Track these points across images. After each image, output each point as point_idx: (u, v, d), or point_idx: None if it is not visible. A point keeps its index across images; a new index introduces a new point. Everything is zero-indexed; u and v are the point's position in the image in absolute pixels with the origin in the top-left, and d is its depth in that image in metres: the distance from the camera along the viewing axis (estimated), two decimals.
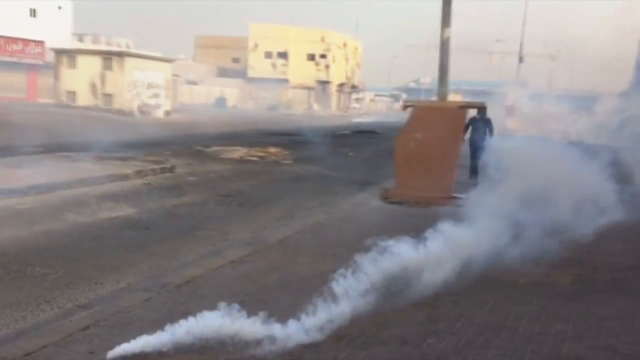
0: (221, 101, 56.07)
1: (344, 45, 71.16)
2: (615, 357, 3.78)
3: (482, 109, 11.61)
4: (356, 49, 77.10)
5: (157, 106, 33.90)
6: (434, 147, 10.52)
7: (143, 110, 32.51)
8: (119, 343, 3.93)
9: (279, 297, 4.92)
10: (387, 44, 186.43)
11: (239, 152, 17.97)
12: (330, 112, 61.18)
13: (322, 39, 66.88)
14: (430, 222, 5.51)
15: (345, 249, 6.93)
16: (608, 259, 6.51)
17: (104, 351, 3.89)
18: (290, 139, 23.57)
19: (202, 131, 25.17)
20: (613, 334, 4.22)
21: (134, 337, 3.99)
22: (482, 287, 5.20)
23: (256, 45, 65.84)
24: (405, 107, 11.22)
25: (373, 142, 26.52)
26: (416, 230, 5.80)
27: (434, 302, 4.85)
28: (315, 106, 63.89)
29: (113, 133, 21.48)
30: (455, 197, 10.44)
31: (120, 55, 33.05)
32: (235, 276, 5.59)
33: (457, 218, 5.65)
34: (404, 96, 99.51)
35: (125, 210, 8.70)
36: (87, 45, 45.46)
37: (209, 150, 17.61)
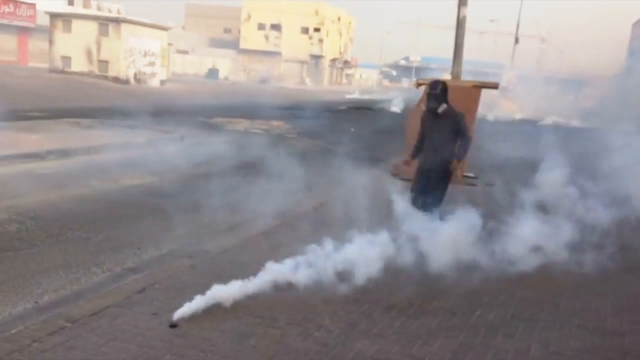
0: (213, 72, 55.42)
1: (338, 19, 70.55)
2: None
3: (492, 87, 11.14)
4: (350, 23, 76.49)
5: (153, 75, 33.46)
6: None
7: (139, 78, 32.08)
8: (177, 305, 4.04)
9: None
10: (378, 20, 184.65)
11: (242, 124, 17.95)
12: (322, 87, 60.89)
13: (316, 12, 66.21)
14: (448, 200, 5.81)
15: (372, 222, 7.09)
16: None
17: (166, 313, 4.00)
18: (290, 113, 23.52)
19: (201, 102, 25.01)
20: None
21: (190, 301, 4.11)
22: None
23: (249, 16, 65.01)
24: (418, 85, 11.23)
25: (371, 118, 26.58)
26: None
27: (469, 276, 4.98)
28: (308, 80, 63.51)
29: (113, 100, 21.30)
30: (467, 177, 10.62)
31: (117, 21, 32.41)
32: (270, 246, 5.69)
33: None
34: (394, 73, 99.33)
35: (146, 178, 8.73)
36: (78, 9, 44.51)
37: (213, 121, 17.56)
